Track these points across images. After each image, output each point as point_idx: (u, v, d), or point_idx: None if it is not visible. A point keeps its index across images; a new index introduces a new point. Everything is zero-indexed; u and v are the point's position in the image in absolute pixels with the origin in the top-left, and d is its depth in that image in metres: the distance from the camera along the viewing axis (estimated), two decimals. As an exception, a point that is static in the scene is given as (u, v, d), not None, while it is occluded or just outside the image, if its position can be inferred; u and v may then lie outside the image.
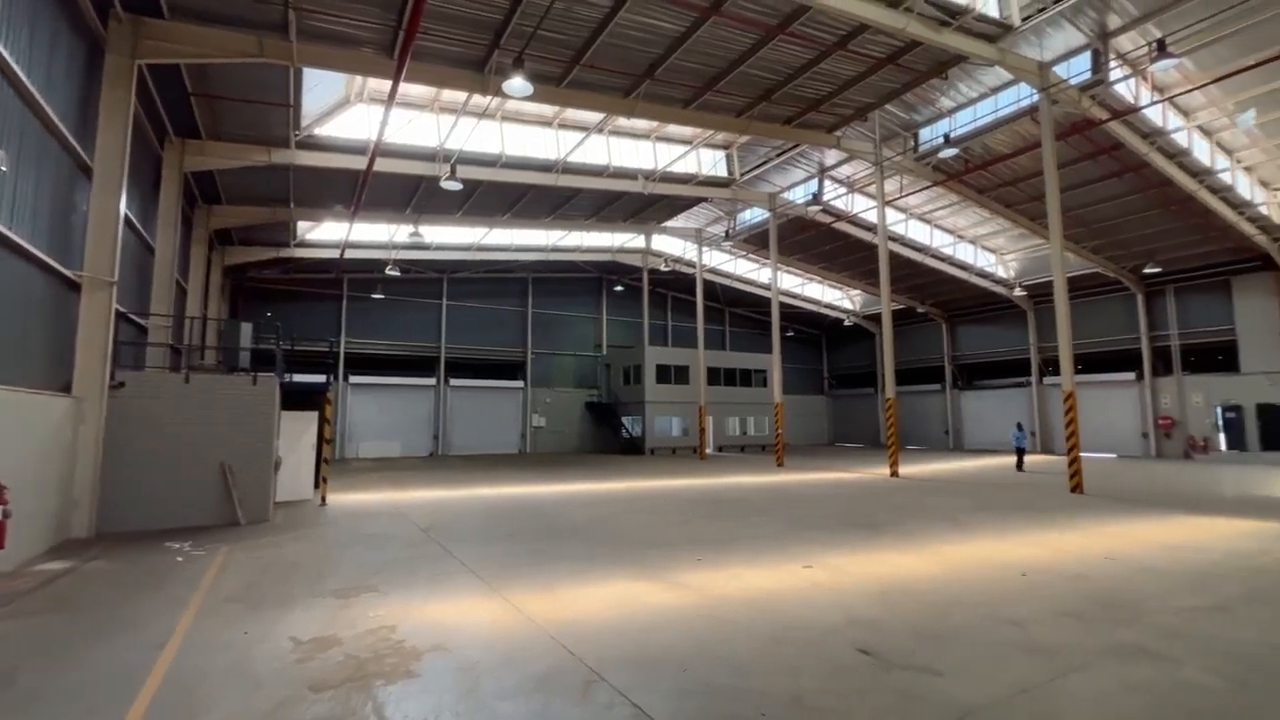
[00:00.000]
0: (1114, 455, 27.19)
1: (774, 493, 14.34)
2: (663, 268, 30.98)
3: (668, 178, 22.50)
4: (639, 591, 6.07)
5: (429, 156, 18.56)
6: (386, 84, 13.76)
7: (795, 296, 36.53)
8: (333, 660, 4.38)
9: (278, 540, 8.73)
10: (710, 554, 7.72)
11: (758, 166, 23.08)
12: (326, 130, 17.16)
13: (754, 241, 29.44)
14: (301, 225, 23.70)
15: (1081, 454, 14.79)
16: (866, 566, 7.09)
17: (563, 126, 20.07)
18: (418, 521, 10.30)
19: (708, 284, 33.61)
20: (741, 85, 16.63)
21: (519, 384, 32.04)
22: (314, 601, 5.78)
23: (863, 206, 24.89)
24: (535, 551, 7.92)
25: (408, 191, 21.05)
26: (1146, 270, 25.80)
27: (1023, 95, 17.28)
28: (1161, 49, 12.86)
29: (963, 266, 29.08)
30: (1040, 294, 29.57)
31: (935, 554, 7.74)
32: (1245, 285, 24.53)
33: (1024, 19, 14.40)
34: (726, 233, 28.14)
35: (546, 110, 19.14)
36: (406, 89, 16.42)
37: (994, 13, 14.39)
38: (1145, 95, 16.98)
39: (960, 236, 28.29)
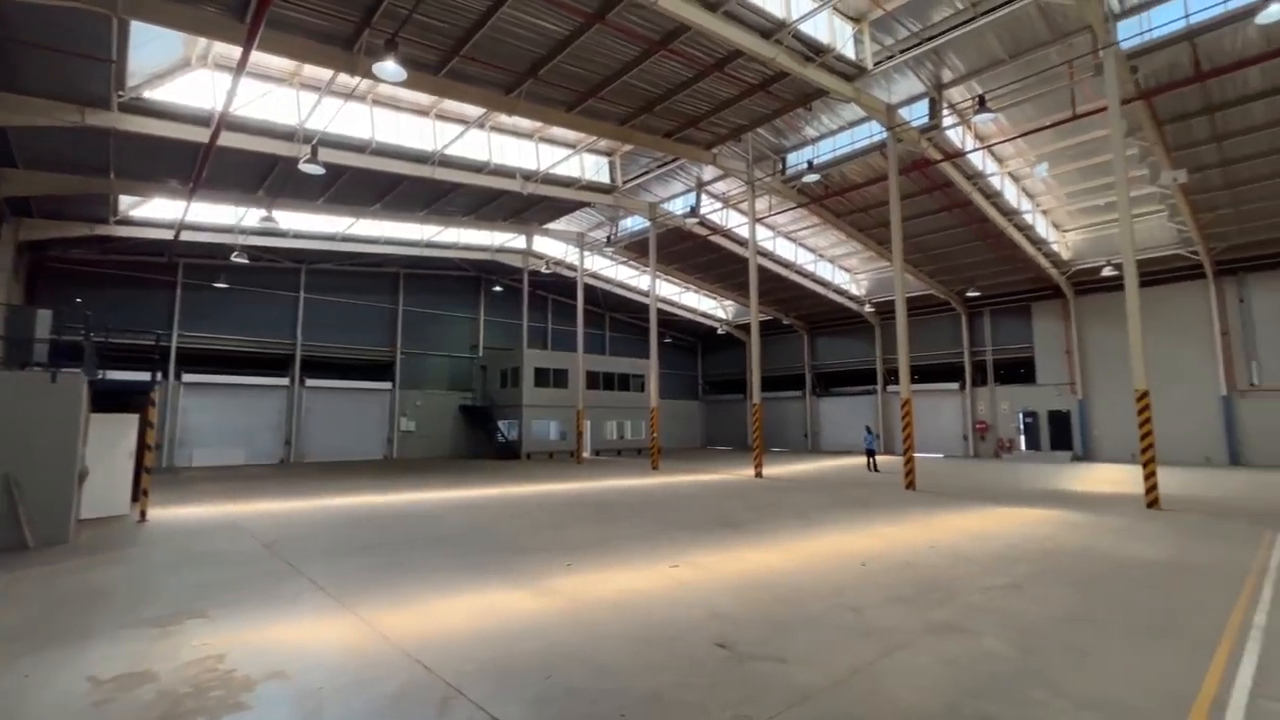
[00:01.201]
0: (941, 455, 30.86)
1: (647, 495, 14.67)
2: (544, 270, 30.67)
3: (550, 180, 22.34)
4: (507, 600, 5.93)
5: (287, 135, 16.95)
6: (236, 50, 12.39)
7: (673, 304, 37.73)
8: (141, 700, 3.83)
9: (79, 564, 7.50)
10: (582, 558, 7.74)
11: (640, 176, 23.58)
12: (160, 94, 15.09)
13: (635, 249, 30.03)
14: (125, 200, 20.63)
15: (915, 455, 16.66)
16: (729, 563, 7.46)
17: (441, 118, 19.24)
18: (260, 536, 9.32)
19: (589, 288, 33.76)
20: (624, 95, 16.93)
21: (386, 385, 30.12)
22: (122, 634, 5.03)
23: (736, 222, 26.29)
24: (396, 564, 7.48)
25: (261, 171, 19.06)
26: (969, 294, 29.67)
27: (874, 132, 19.15)
28: (982, 104, 14.88)
29: (822, 283, 31.63)
30: (885, 311, 32.90)
31: (790, 549, 8.33)
32: (1042, 310, 28.97)
33: (875, 64, 16.00)
34: (608, 238, 28.45)
35: (423, 99, 18.25)
36: (263, 59, 14.91)
37: (851, 55, 15.85)
38: (970, 142, 19.53)
39: (821, 255, 30.75)
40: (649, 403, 22.91)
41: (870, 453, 22.44)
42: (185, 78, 15.23)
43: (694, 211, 24.20)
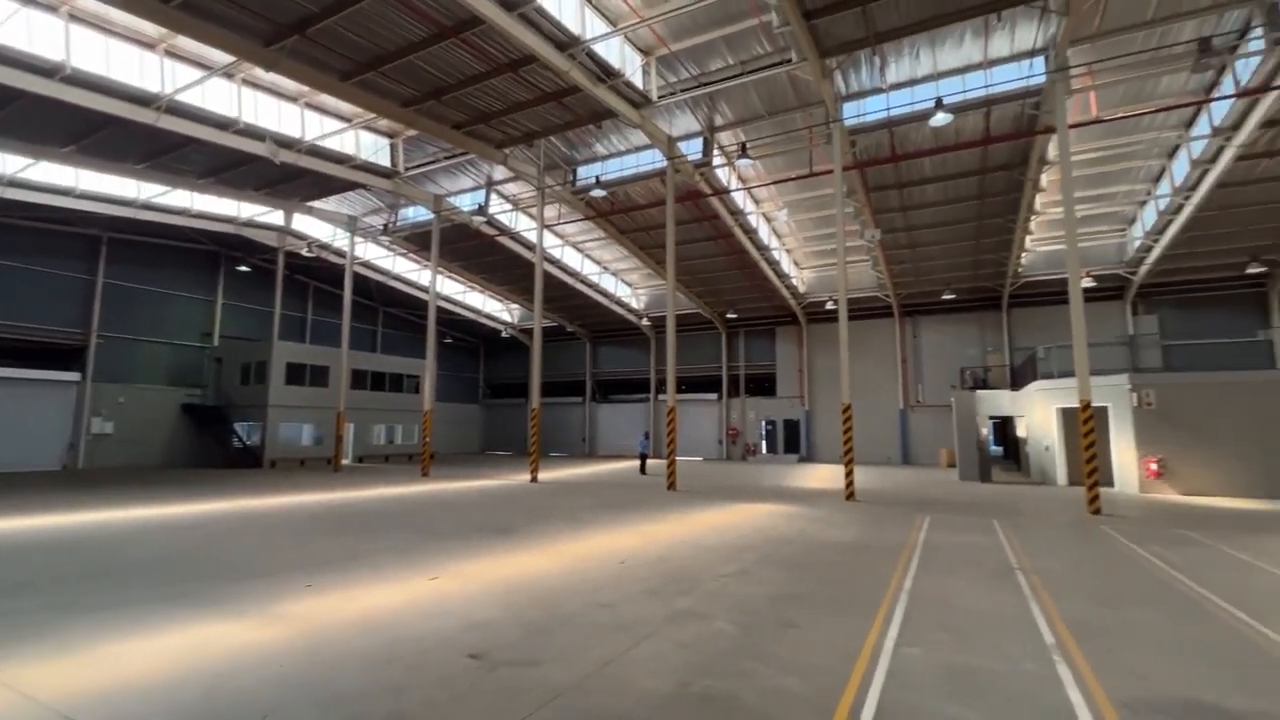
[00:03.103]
0: (701, 458, 34.28)
1: (414, 503, 13.77)
2: (305, 253, 27.15)
3: (317, 153, 19.94)
4: (223, 633, 5.06)
5: (-82, 32, 12.57)
6: None
7: (456, 303, 36.20)
8: None
9: None
10: (325, 577, 6.95)
11: (425, 164, 22.24)
12: None
13: (416, 241, 28.20)
14: None
15: (678, 458, 18.26)
16: (494, 570, 7.34)
17: (175, 56, 15.98)
18: None
19: (361, 279, 30.76)
20: (411, 76, 15.88)
21: (73, 376, 23.82)
22: None
23: (525, 226, 26.24)
24: (63, 605, 5.91)
25: None
26: (729, 315, 33.55)
27: (657, 159, 20.64)
28: (744, 151, 16.98)
29: (606, 295, 33.08)
30: (659, 325, 35.58)
31: (556, 551, 8.49)
32: (783, 334, 33.94)
33: (660, 97, 17.32)
34: (386, 226, 26.28)
35: (149, 28, 14.97)
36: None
37: (639, 84, 16.94)
38: (734, 182, 22.14)
39: (606, 268, 32.15)
40: (424, 405, 21.59)
41: (643, 456, 23.96)
42: None
43: (482, 210, 23.56)
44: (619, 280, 33.61)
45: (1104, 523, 11.41)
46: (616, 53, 16.13)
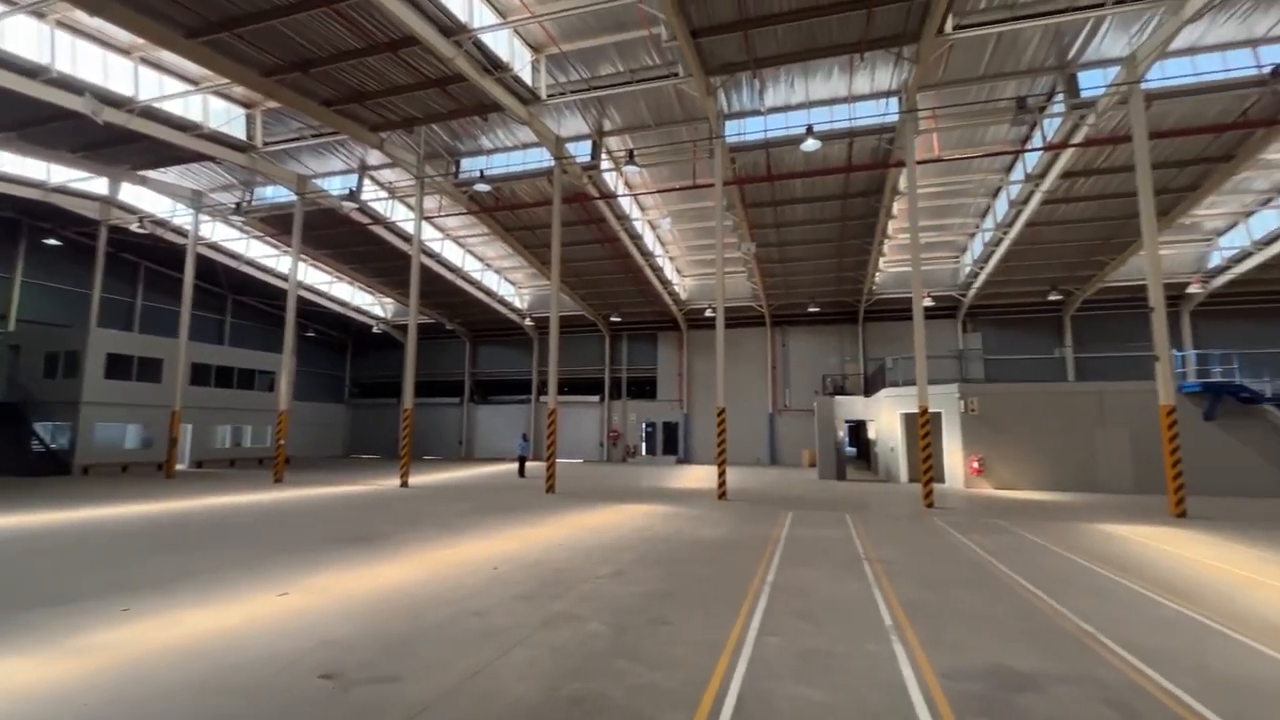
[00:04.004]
0: (581, 460, 34.28)
1: (263, 512, 12.49)
2: (136, 228, 23.72)
3: (153, 115, 17.59)
4: (5, 672, 4.27)
5: None
6: None
7: (321, 294, 33.42)
8: None
9: None
10: (148, 599, 6.10)
11: (289, 141, 20.35)
12: None
13: (275, 224, 25.71)
14: None
15: (558, 460, 18.12)
16: (353, 582, 6.84)
17: (-40, -18, 13.36)
18: None
19: (207, 262, 27.50)
20: (273, 43, 14.48)
21: None
22: None
23: (402, 216, 24.83)
24: None
25: None
26: (613, 319, 33.89)
27: (544, 158, 20.42)
28: (631, 158, 17.26)
29: (488, 292, 32.13)
30: (543, 325, 35.16)
31: (425, 559, 8.09)
32: (664, 339, 34.88)
33: (549, 96, 17.15)
34: (239, 205, 23.67)
35: (-75, -56, 12.40)
36: None
37: (528, 80, 16.66)
38: (621, 187, 22.45)
39: (489, 265, 31.24)
40: (279, 404, 19.69)
41: (521, 459, 23.49)
42: None
43: (354, 195, 22.00)
44: (502, 278, 32.80)
45: (936, 515, 12.88)
46: (506, 46, 15.77)
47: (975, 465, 18.70)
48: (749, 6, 13.78)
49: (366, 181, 22.68)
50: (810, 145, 15.92)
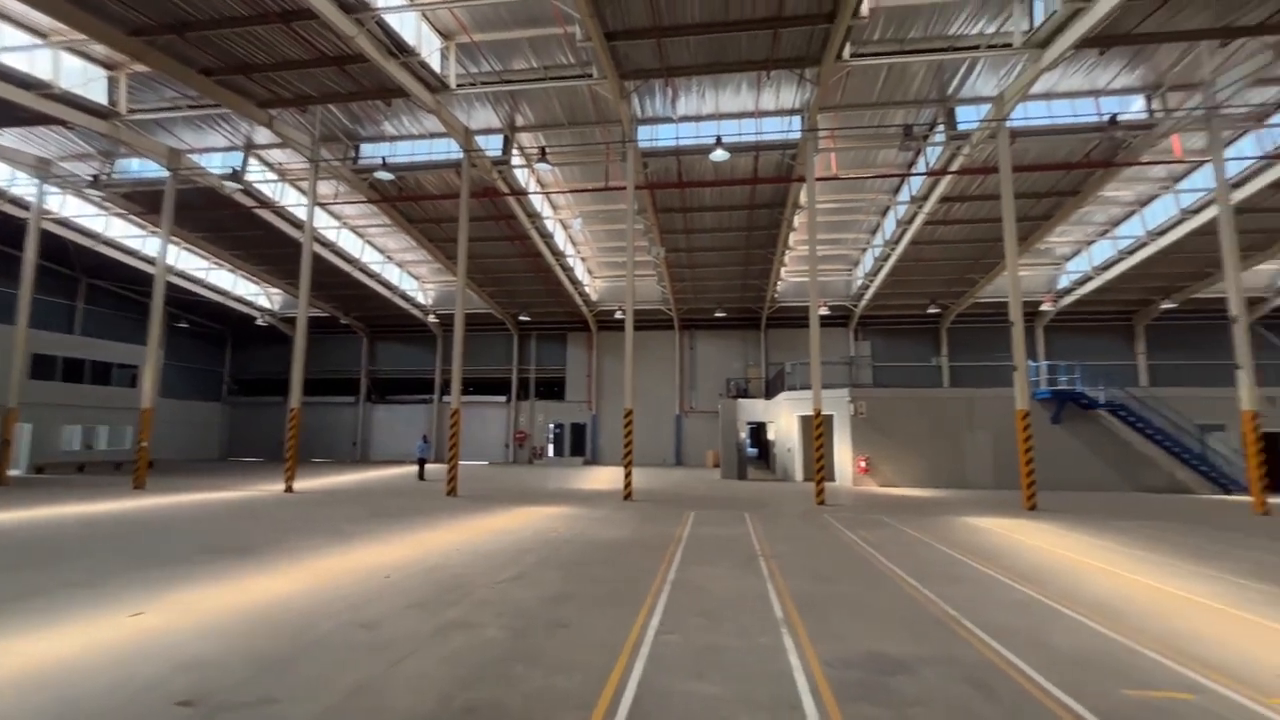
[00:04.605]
0: (486, 462, 33.40)
1: (118, 523, 11.16)
2: (-40, 196, 20.50)
3: (-12, 68, 15.30)
4: None
5: None
6: None
7: (196, 281, 30.43)
8: None
9: None
10: (-35, 626, 5.28)
11: (161, 110, 18.38)
12: None
13: (142, 201, 23.15)
14: None
15: (461, 462, 17.53)
16: (225, 598, 6.26)
17: None
18: None
19: (58, 240, 24.27)
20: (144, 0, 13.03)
21: None
22: None
23: (293, 200, 23.11)
24: None
25: None
26: (522, 318, 33.31)
27: (453, 150, 19.72)
28: (543, 155, 17.06)
29: (389, 286, 30.59)
30: (448, 323, 33.98)
31: (310, 570, 7.56)
32: (574, 339, 34.72)
33: (459, 85, 16.60)
34: (97, 178, 21.06)
35: None
36: None
37: (436, 67, 16.04)
38: (533, 185, 22.12)
39: (390, 258, 29.75)
40: (142, 402, 17.74)
41: (421, 461, 22.52)
42: None
43: (238, 175, 20.23)
44: (405, 272, 31.35)
45: (826, 512, 13.68)
46: (413, 29, 15.10)
47: (862, 464, 20.04)
48: (663, 15, 14.03)
49: (253, 161, 20.92)
50: (719, 155, 16.44)
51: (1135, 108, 17.46)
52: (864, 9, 13.36)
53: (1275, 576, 7.62)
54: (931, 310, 30.46)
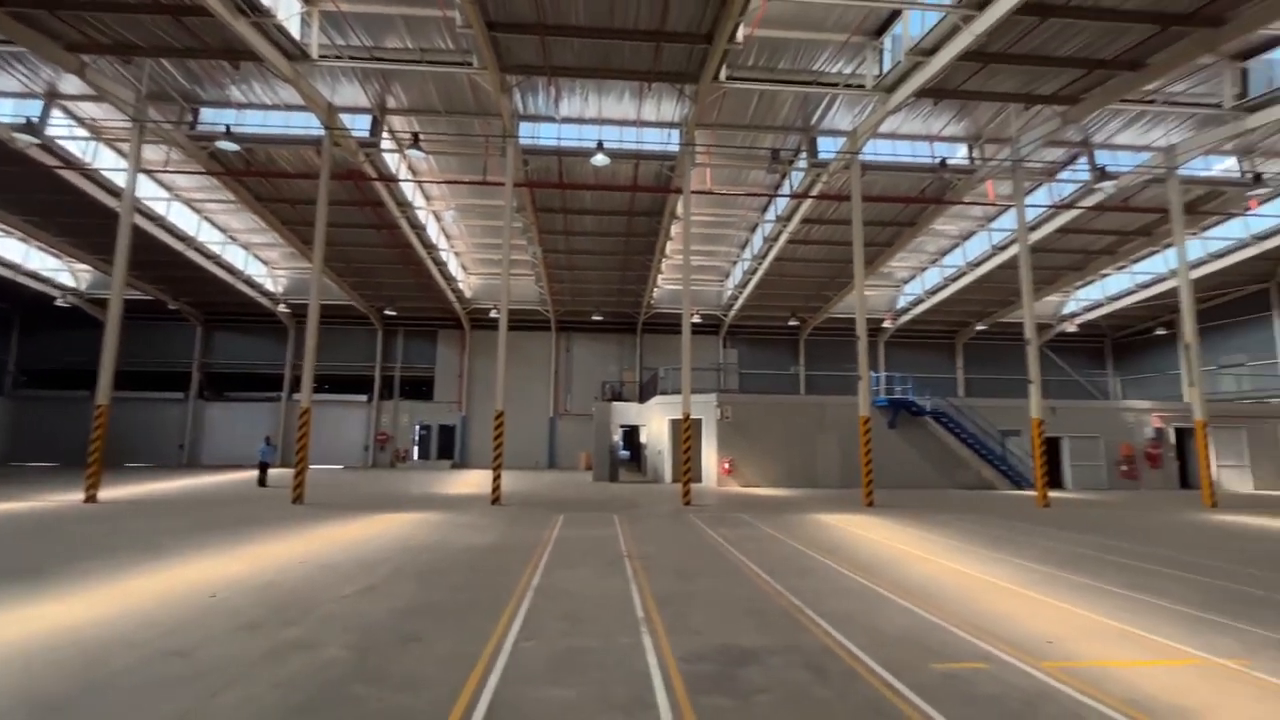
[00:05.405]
0: (342, 466, 30.92)
1: None
2: None
3: None
4: None
5: None
6: None
7: (-29, 250, 25.22)
8: None
9: None
10: None
11: (-78, 38, 15.00)
12: None
13: (-108, 146, 18.73)
14: None
15: (312, 466, 16.05)
16: (-9, 631, 5.22)
17: None
18: None
19: None
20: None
21: None
22: None
23: (111, 163, 19.95)
24: None
25: None
26: (388, 312, 31.31)
27: (313, 125, 18.09)
28: (416, 141, 16.19)
29: (231, 270, 27.40)
30: (302, 313, 31.07)
31: (113, 592, 6.52)
32: (445, 337, 33.24)
33: (321, 56, 15.28)
34: None
35: None
36: None
37: (296, 34, 14.65)
38: (404, 172, 20.90)
39: (234, 238, 26.68)
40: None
41: (263, 465, 20.31)
42: None
43: (34, 128, 17.10)
44: (251, 255, 28.22)
45: (692, 512, 14.22)
46: (268, -13, 13.65)
47: (726, 466, 21.11)
48: (547, 12, 13.89)
49: (57, 113, 17.77)
50: (600, 160, 16.56)
51: (960, 154, 20.08)
52: (739, 35, 14.13)
53: (1051, 560, 9.06)
54: (792, 322, 32.85)
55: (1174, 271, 22.50)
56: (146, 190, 21.94)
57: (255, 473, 21.32)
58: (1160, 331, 31.67)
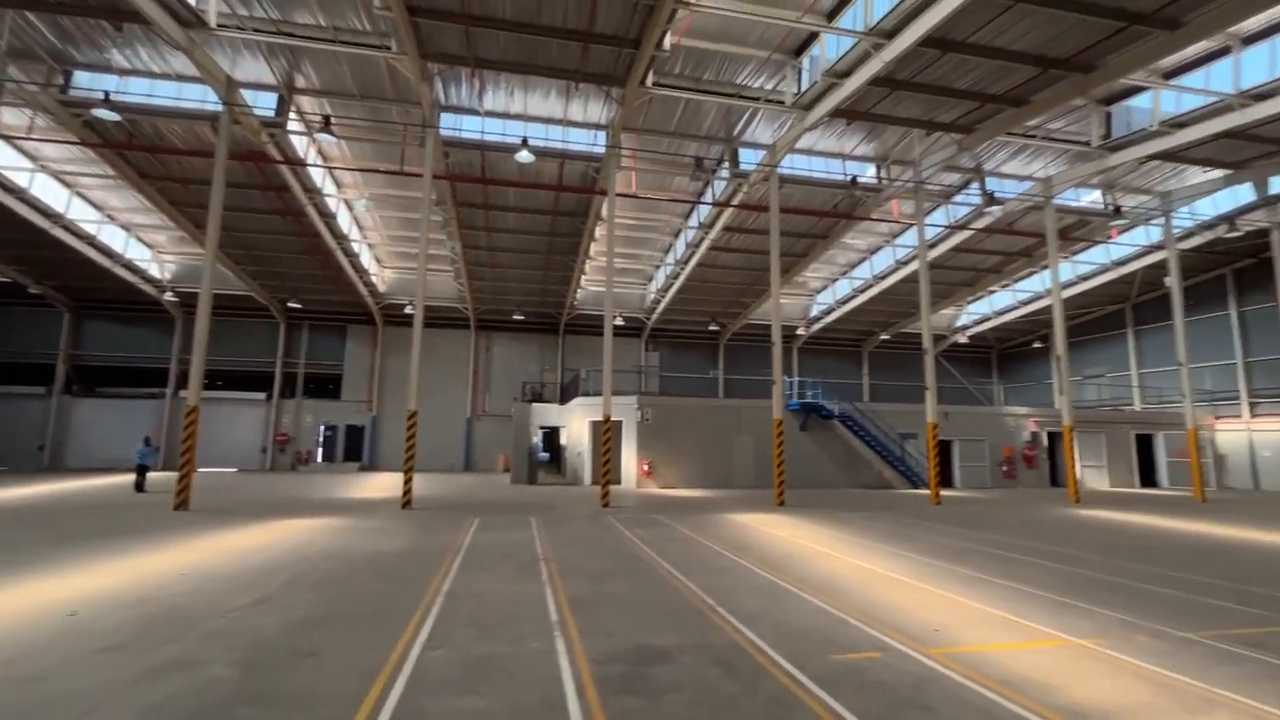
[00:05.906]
0: (235, 469, 28.65)
1: None
2: None
3: None
4: None
5: None
6: None
7: None
8: None
9: None
10: None
11: None
12: None
13: None
14: None
15: (201, 469, 14.75)
16: None
17: None
18: None
19: None
20: None
21: None
22: None
23: (-42, 126, 17.51)
24: None
25: None
26: (291, 304, 29.36)
27: (210, 99, 16.74)
28: (327, 124, 15.30)
29: (107, 252, 24.80)
30: (193, 303, 28.55)
31: (-54, 615, 5.71)
32: (355, 333, 31.59)
33: (221, 25, 14.13)
34: None
35: None
36: None
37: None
38: (313, 156, 19.69)
39: (112, 218, 24.16)
40: None
41: (141, 469, 18.44)
42: None
43: None
44: (132, 237, 25.65)
45: (610, 513, 14.24)
46: (158, -55, 12.48)
47: (645, 468, 21.30)
48: (473, 2, 13.52)
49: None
50: (524, 157, 16.29)
51: (869, 173, 21.32)
52: (666, 43, 14.34)
53: (941, 554, 9.77)
54: (712, 327, 33.65)
55: (1049, 291, 24.91)
56: (4, 158, 19.47)
57: (132, 477, 19.36)
58: (1037, 345, 35.00)
